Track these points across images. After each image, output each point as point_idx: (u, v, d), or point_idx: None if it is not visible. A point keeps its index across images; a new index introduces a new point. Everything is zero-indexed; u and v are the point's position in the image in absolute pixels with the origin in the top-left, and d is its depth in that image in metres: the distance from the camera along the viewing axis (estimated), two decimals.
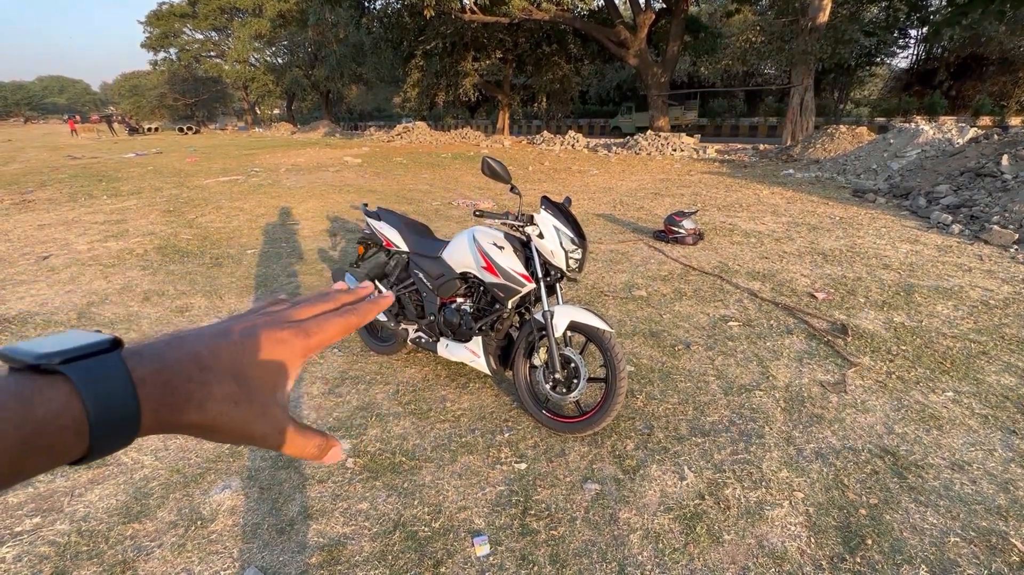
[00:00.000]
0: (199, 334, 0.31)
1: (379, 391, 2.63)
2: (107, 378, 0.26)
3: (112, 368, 0.26)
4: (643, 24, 16.65)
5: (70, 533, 1.74)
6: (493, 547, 1.69)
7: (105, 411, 0.25)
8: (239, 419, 0.31)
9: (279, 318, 0.34)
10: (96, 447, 0.26)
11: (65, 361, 0.25)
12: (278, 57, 40.86)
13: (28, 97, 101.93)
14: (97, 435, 0.25)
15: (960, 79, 25.65)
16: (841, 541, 1.69)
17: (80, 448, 0.25)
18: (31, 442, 0.23)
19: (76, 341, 0.26)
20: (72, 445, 0.25)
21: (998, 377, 2.64)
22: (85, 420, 0.25)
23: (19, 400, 0.23)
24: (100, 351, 0.26)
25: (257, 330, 0.32)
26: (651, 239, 5.43)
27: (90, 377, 0.25)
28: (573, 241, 2.13)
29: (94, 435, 0.25)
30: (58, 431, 0.24)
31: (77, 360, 0.25)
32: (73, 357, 0.25)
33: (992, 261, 4.45)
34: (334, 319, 0.35)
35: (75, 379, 0.25)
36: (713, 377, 2.71)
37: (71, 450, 0.25)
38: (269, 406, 0.32)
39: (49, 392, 0.24)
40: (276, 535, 1.74)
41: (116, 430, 0.26)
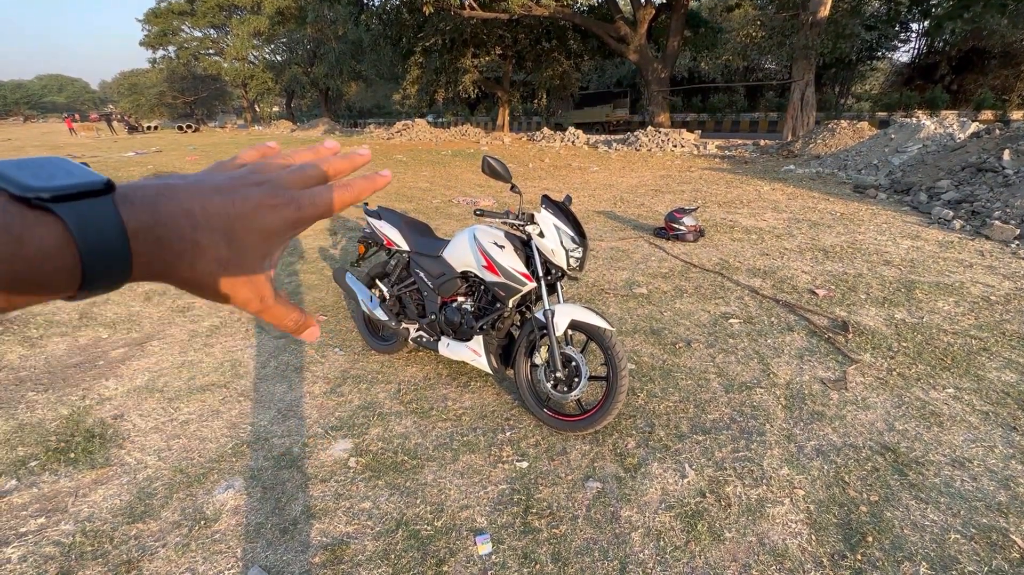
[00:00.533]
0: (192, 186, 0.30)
1: (381, 390, 2.63)
2: (100, 224, 0.25)
3: (106, 216, 0.25)
4: (643, 19, 16.57)
5: (75, 533, 1.75)
6: (495, 545, 1.70)
7: (97, 256, 0.25)
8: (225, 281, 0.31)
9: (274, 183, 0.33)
10: (85, 289, 0.25)
11: (57, 198, 0.24)
12: (277, 54, 40.74)
13: (27, 96, 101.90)
14: (88, 279, 0.25)
15: (962, 73, 25.54)
16: (842, 538, 1.70)
17: (70, 288, 0.25)
18: (21, 278, 0.23)
19: (68, 176, 0.25)
20: (62, 284, 0.25)
21: (999, 373, 2.64)
22: (78, 264, 0.24)
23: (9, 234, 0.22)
24: (93, 192, 0.25)
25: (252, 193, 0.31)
26: (652, 236, 5.43)
27: (84, 222, 0.24)
28: (573, 240, 2.13)
29: (85, 278, 0.25)
30: (50, 271, 0.24)
31: (70, 199, 0.24)
32: (66, 195, 0.24)
33: (993, 257, 4.44)
34: (328, 193, 0.34)
35: (68, 222, 0.24)
36: (714, 375, 2.71)
37: (61, 288, 0.25)
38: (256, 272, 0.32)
39: (40, 231, 0.23)
40: (279, 534, 1.75)
41: (107, 276, 0.26)
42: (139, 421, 2.39)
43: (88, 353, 3.06)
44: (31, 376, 2.80)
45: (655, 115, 17.56)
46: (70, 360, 2.98)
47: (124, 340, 3.22)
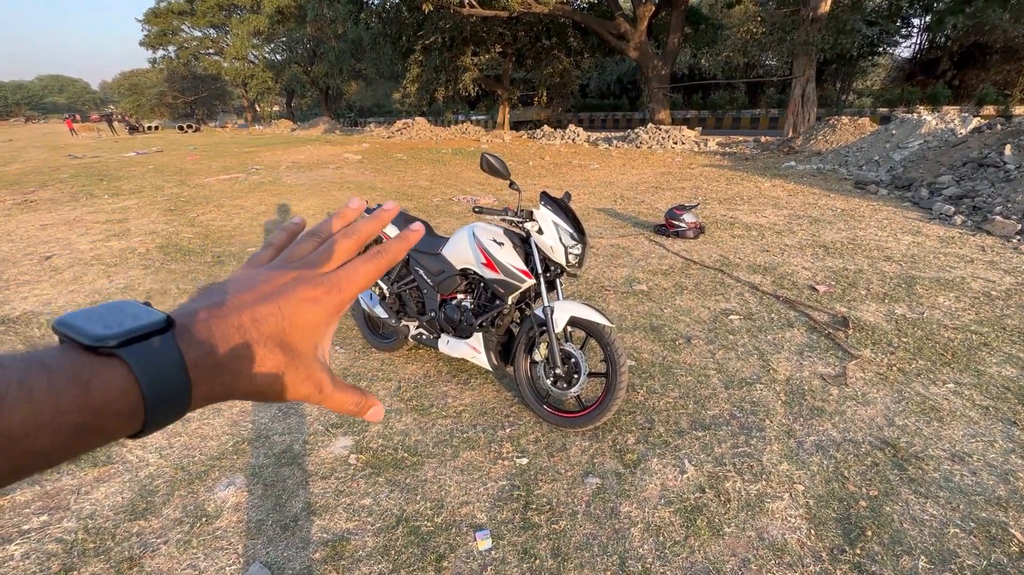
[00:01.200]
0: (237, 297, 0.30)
1: (381, 388, 2.64)
2: (164, 365, 0.25)
3: (168, 354, 0.26)
4: (643, 16, 16.53)
5: (77, 530, 1.76)
6: (495, 541, 1.70)
7: (160, 396, 0.25)
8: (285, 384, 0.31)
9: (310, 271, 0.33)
10: (147, 429, 0.26)
11: (121, 343, 0.25)
12: (277, 54, 40.70)
13: (28, 96, 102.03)
14: (150, 418, 0.25)
15: (963, 68, 25.44)
16: (841, 533, 1.70)
17: (131, 429, 0.25)
18: (87, 425, 0.23)
19: (132, 320, 0.26)
20: (125, 427, 0.25)
21: (999, 368, 2.64)
22: (141, 405, 0.25)
23: (77, 385, 0.23)
24: (154, 332, 0.26)
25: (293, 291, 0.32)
26: (652, 233, 5.43)
27: (148, 364, 0.25)
28: (573, 237, 2.13)
29: (148, 418, 0.25)
30: (113, 415, 0.24)
31: (133, 342, 0.25)
32: (129, 339, 0.25)
33: (994, 252, 4.43)
34: (364, 266, 0.34)
35: (134, 366, 0.24)
36: (714, 371, 2.71)
37: (123, 431, 0.25)
38: (312, 367, 0.32)
39: (106, 376, 0.24)
40: (280, 531, 1.76)
41: (168, 412, 0.26)
42: None
43: None
44: None
45: (656, 112, 17.52)
46: None
47: None
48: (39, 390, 0.22)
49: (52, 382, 0.23)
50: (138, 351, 0.25)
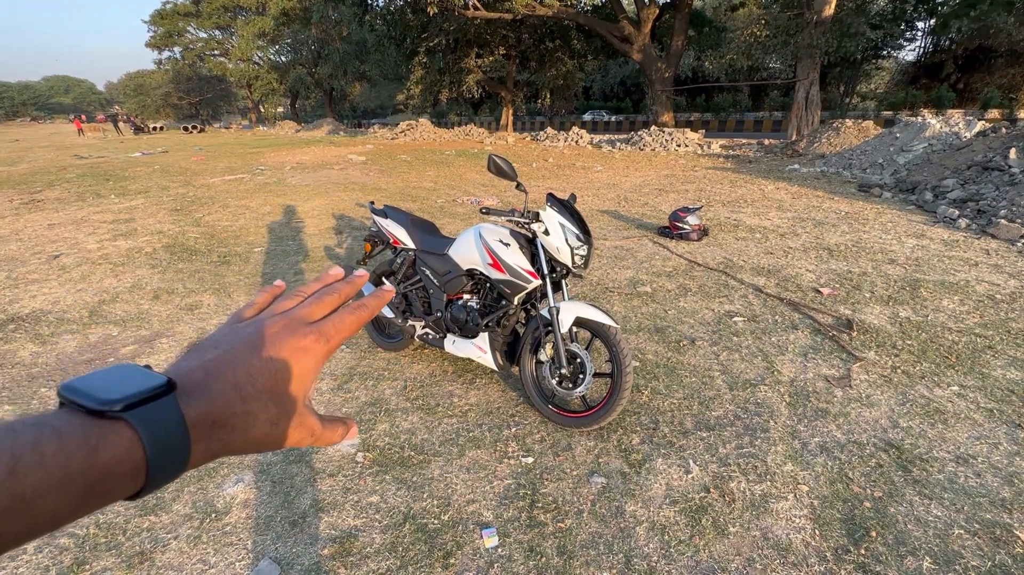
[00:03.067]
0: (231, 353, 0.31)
1: (387, 387, 2.66)
2: (166, 425, 0.27)
3: (170, 414, 0.27)
4: (647, 19, 16.56)
5: (88, 525, 1.78)
6: (501, 539, 1.72)
7: (162, 456, 0.26)
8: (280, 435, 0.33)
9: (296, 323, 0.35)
10: (148, 486, 0.27)
11: (127, 407, 0.26)
12: (281, 55, 40.91)
13: (34, 97, 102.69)
14: (151, 478, 0.27)
15: (968, 72, 25.38)
16: (846, 533, 1.71)
17: (133, 489, 0.26)
18: (94, 487, 0.24)
19: (135, 385, 0.27)
20: (127, 488, 0.26)
21: (1004, 371, 2.64)
22: (143, 466, 0.26)
23: (86, 447, 0.24)
24: (157, 395, 0.27)
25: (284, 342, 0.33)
26: (656, 235, 5.44)
27: (151, 425, 0.26)
28: (578, 238, 2.15)
29: (149, 478, 0.26)
30: (119, 476, 0.25)
31: (137, 406, 0.26)
32: (133, 403, 0.26)
33: (999, 255, 4.43)
34: (347, 317, 0.36)
35: (139, 428, 0.26)
36: (718, 372, 2.72)
37: (125, 491, 0.26)
38: (303, 415, 0.34)
39: (113, 438, 0.25)
40: (289, 527, 1.78)
41: (168, 472, 0.27)
42: None
43: (98, 350, 3.10)
44: (43, 373, 2.84)
45: (659, 115, 17.54)
46: (81, 357, 3.02)
47: (134, 337, 3.26)
48: (50, 453, 0.23)
49: (63, 446, 0.24)
50: (142, 414, 0.26)
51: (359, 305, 0.37)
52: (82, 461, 0.24)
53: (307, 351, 0.34)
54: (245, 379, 0.31)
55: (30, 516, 0.23)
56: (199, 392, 0.29)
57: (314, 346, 0.34)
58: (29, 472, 0.23)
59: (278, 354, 0.32)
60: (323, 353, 0.35)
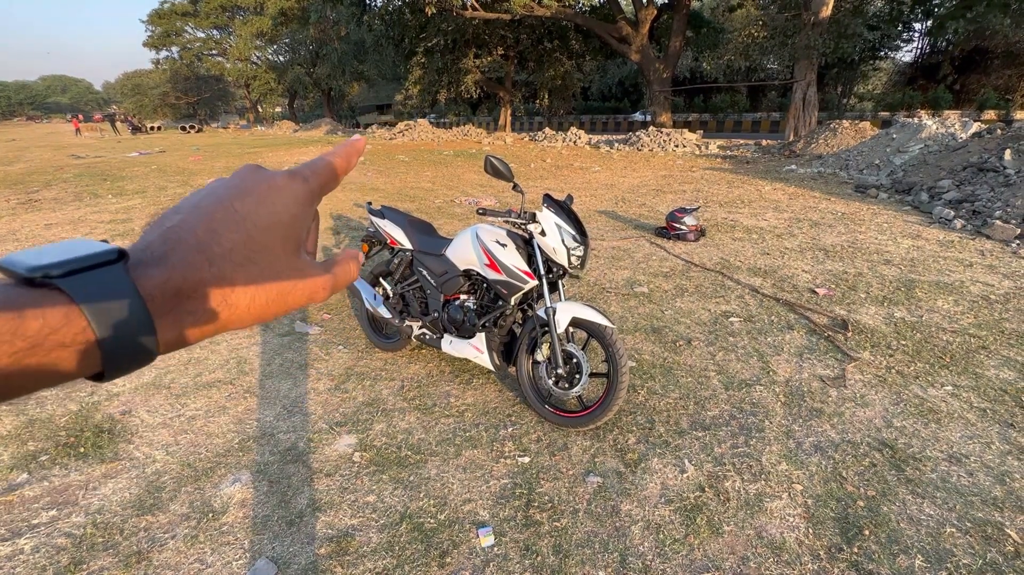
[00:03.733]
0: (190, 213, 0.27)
1: (384, 387, 2.67)
2: (110, 293, 0.23)
3: (114, 282, 0.24)
4: (645, 20, 16.58)
5: (85, 525, 1.79)
6: (497, 538, 1.73)
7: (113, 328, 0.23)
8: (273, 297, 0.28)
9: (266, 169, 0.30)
10: (111, 366, 0.24)
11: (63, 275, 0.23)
12: (280, 55, 40.89)
13: (31, 96, 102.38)
14: (109, 353, 0.23)
15: (964, 73, 25.48)
16: (839, 532, 1.73)
17: (91, 366, 0.24)
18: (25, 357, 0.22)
19: (74, 251, 0.24)
20: (79, 363, 0.23)
21: (997, 371, 2.66)
22: (92, 337, 0.23)
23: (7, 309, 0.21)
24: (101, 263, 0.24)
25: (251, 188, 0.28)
26: (653, 235, 5.45)
27: (89, 291, 0.23)
28: (575, 238, 2.16)
29: (106, 353, 0.23)
30: (56, 347, 0.22)
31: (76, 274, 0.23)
32: (71, 270, 0.23)
33: (994, 256, 4.45)
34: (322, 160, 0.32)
35: (72, 293, 0.23)
36: (714, 372, 2.74)
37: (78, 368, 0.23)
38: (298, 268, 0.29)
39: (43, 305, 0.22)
40: (286, 527, 1.78)
41: (131, 348, 0.24)
42: (147, 417, 2.42)
43: None
44: None
45: (657, 115, 17.57)
46: None
47: None
48: None
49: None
50: (79, 279, 0.23)
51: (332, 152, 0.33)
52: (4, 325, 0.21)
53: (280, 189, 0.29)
54: (208, 237, 0.26)
55: None
56: (156, 261, 0.25)
57: (288, 183, 0.29)
58: None
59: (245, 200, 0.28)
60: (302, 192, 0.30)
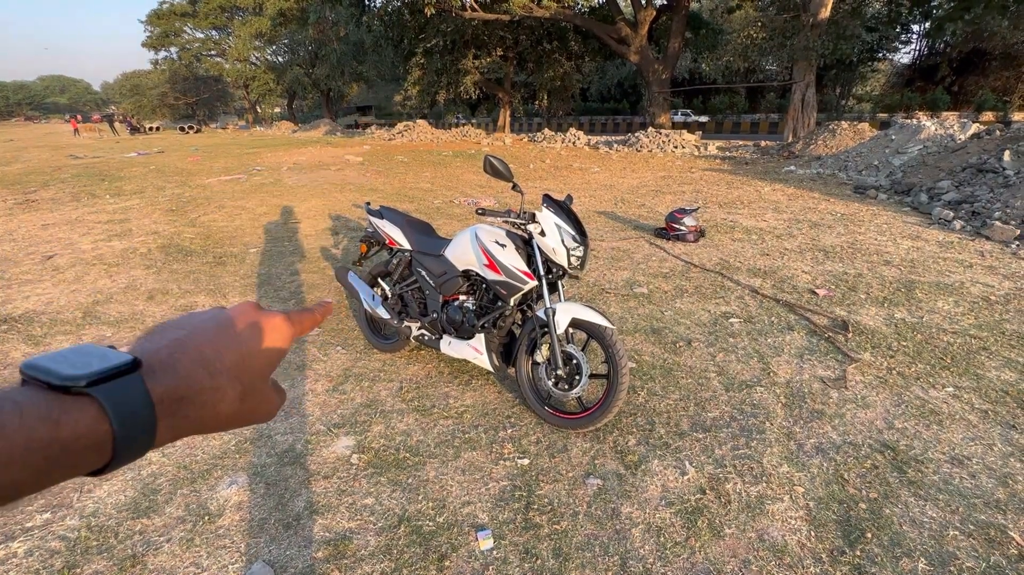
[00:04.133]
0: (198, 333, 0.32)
1: (383, 388, 2.65)
2: (131, 400, 0.27)
3: (135, 390, 0.27)
4: (644, 21, 16.60)
5: (80, 528, 1.77)
6: (496, 541, 1.71)
7: (129, 431, 0.27)
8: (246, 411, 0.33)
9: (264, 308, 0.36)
10: (115, 462, 0.27)
11: (91, 383, 0.26)
12: (279, 56, 40.88)
13: (30, 97, 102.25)
14: (118, 452, 0.27)
15: (963, 74, 25.56)
16: (841, 534, 1.71)
17: (99, 462, 0.27)
18: (56, 459, 0.24)
19: (100, 362, 0.27)
20: (93, 460, 0.26)
21: (998, 373, 2.65)
22: (109, 439, 0.26)
23: (47, 421, 0.24)
24: (122, 372, 0.27)
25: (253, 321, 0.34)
26: (652, 236, 5.44)
27: (116, 400, 0.26)
28: (575, 239, 2.15)
29: (116, 452, 0.27)
30: (82, 449, 0.25)
31: (102, 382, 0.26)
32: (98, 379, 0.26)
33: (993, 257, 4.45)
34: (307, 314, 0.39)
35: (104, 402, 0.26)
36: (714, 373, 2.72)
37: (90, 465, 0.26)
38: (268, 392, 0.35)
39: (76, 414, 0.25)
40: (283, 530, 1.76)
41: (135, 447, 0.27)
42: None
43: None
44: None
45: (656, 116, 17.58)
46: None
47: (127, 338, 3.24)
48: (11, 427, 0.23)
49: (24, 419, 0.24)
50: (107, 389, 0.26)
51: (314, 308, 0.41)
52: (44, 433, 0.24)
53: (276, 329, 0.35)
54: (213, 355, 0.31)
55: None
56: (165, 369, 0.29)
57: (283, 325, 0.36)
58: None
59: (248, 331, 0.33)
60: (290, 333, 0.36)
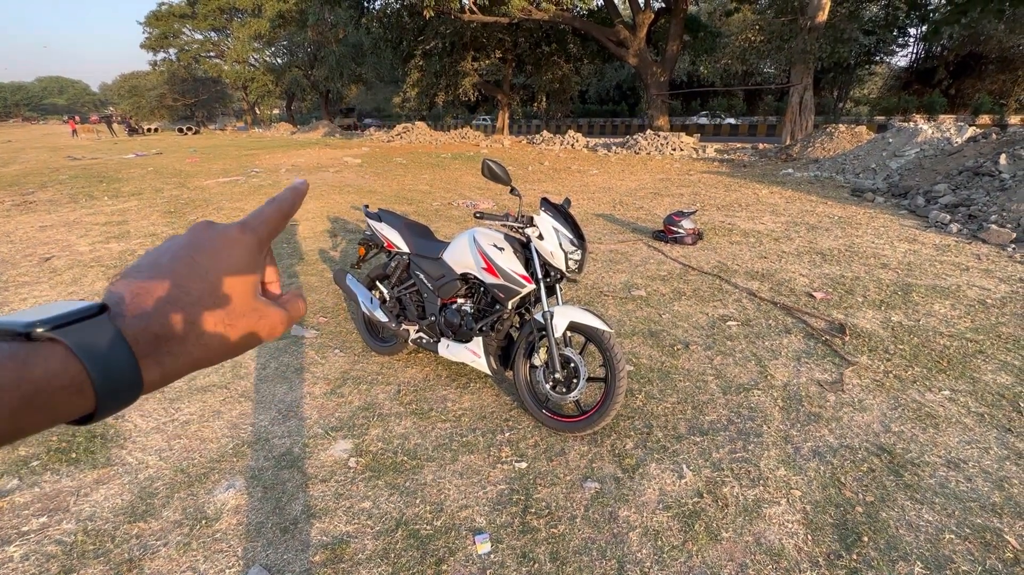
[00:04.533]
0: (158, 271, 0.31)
1: (381, 391, 2.65)
2: (100, 339, 0.26)
3: (103, 330, 0.27)
4: (642, 23, 16.65)
5: (76, 532, 1.76)
6: (494, 545, 1.71)
7: (105, 370, 0.26)
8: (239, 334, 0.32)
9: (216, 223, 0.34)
10: (103, 405, 0.26)
11: (55, 327, 0.26)
12: (277, 57, 40.89)
13: (28, 97, 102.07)
14: (102, 394, 0.26)
15: (959, 78, 25.68)
16: (838, 538, 1.72)
17: (86, 406, 0.26)
18: (31, 400, 0.24)
19: (62, 309, 0.27)
20: (75, 403, 0.26)
21: (994, 376, 2.66)
22: (87, 379, 0.25)
23: (15, 360, 0.24)
24: (88, 316, 0.27)
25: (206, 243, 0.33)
26: (650, 239, 5.45)
27: (83, 339, 0.26)
28: (572, 242, 2.15)
29: (99, 393, 0.26)
30: (58, 390, 0.25)
31: (67, 326, 0.26)
32: (62, 323, 0.26)
33: (990, 260, 4.47)
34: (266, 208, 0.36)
35: (69, 342, 0.25)
36: (712, 376, 2.73)
37: (75, 407, 0.26)
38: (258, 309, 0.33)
39: (45, 353, 0.25)
40: (280, 534, 1.76)
41: (120, 387, 0.27)
42: (140, 421, 2.40)
43: None
44: None
45: (654, 118, 17.62)
46: None
47: None
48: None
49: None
50: (73, 331, 0.26)
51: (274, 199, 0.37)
52: (11, 373, 0.23)
53: (233, 241, 0.33)
54: (177, 291, 0.30)
55: None
56: (133, 309, 0.28)
57: (239, 235, 0.34)
58: None
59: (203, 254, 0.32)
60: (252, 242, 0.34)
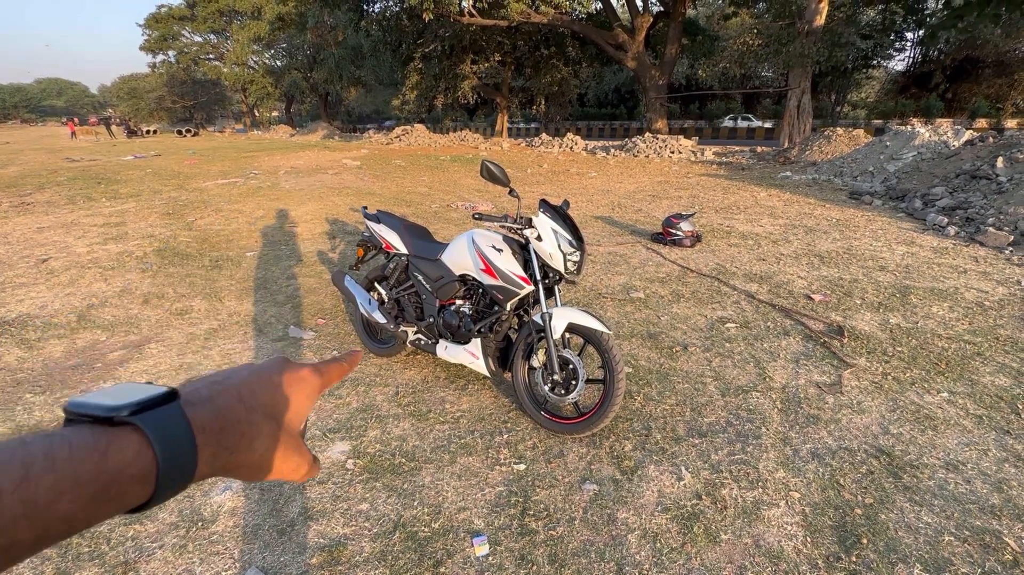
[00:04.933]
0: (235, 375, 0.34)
1: (379, 393, 2.64)
2: (173, 428, 0.28)
3: (176, 418, 0.28)
4: (641, 27, 16.72)
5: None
6: (492, 547, 1.70)
7: (171, 460, 0.27)
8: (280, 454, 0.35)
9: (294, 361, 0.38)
10: (158, 495, 0.27)
11: (133, 412, 0.27)
12: (277, 60, 40.93)
13: (26, 99, 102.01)
14: (162, 483, 0.27)
15: (956, 82, 25.81)
16: (837, 540, 1.71)
17: (145, 495, 0.27)
18: (104, 492, 0.25)
19: (139, 393, 0.28)
20: (139, 493, 0.27)
21: (992, 378, 2.67)
22: (153, 469, 0.27)
23: (95, 452, 0.25)
24: (162, 402, 0.28)
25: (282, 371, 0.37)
26: (649, 241, 5.46)
27: (159, 427, 0.27)
28: (571, 244, 2.15)
29: (160, 483, 0.27)
30: (128, 479, 0.26)
31: (144, 410, 0.27)
32: (140, 408, 0.27)
33: (987, 263, 4.48)
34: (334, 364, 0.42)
35: (147, 430, 0.27)
36: (710, 378, 2.73)
37: (137, 497, 0.27)
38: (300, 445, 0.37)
39: (122, 443, 0.26)
40: (277, 536, 1.75)
41: (177, 477, 0.28)
42: None
43: (86, 355, 3.06)
44: (29, 378, 2.80)
45: (653, 121, 17.67)
46: (68, 362, 2.97)
47: (122, 342, 3.22)
48: (62, 460, 0.24)
49: (73, 452, 0.25)
50: (149, 417, 0.27)
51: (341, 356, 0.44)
52: (92, 465, 0.25)
53: (304, 380, 0.37)
54: (247, 393, 0.33)
55: (43, 521, 0.23)
56: (203, 402, 0.31)
57: (311, 377, 0.38)
58: (41, 478, 0.23)
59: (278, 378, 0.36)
60: (317, 385, 0.38)
